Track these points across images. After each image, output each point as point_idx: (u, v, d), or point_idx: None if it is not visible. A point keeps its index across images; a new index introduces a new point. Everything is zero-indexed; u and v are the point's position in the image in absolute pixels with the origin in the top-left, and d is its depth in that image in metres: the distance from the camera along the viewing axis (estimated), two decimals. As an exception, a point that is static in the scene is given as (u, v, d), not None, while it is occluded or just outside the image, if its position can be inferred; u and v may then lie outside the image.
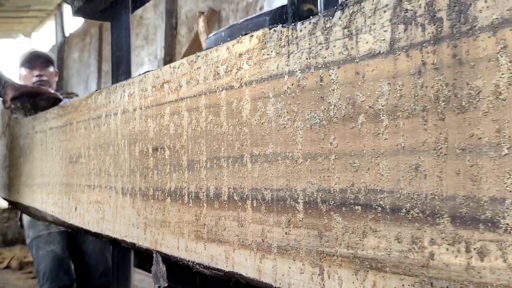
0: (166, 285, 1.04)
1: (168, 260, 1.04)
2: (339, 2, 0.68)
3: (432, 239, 0.55)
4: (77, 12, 1.93)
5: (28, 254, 5.04)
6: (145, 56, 10.23)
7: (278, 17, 1.52)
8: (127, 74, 1.79)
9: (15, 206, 2.55)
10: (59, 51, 14.10)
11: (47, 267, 2.51)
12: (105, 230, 1.26)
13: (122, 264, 1.71)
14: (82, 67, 13.49)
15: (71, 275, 2.55)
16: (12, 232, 6.31)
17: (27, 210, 2.24)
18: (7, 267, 5.46)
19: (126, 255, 1.71)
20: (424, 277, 0.56)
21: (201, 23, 6.57)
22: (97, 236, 1.36)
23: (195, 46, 6.24)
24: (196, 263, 0.93)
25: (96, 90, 1.34)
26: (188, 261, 0.96)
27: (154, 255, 1.06)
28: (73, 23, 13.07)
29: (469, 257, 0.52)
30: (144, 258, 1.76)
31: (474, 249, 0.52)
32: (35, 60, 2.83)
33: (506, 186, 0.49)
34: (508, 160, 0.49)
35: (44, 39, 14.58)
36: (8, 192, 2.39)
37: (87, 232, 1.41)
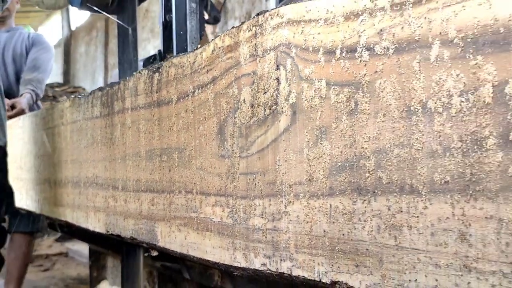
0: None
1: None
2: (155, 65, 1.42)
3: (125, 199, 1.38)
4: (83, 5, 2.11)
5: (38, 247, 5.53)
6: (152, 49, 10.82)
7: (151, 62, 2.30)
8: (134, 68, 1.96)
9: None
10: (66, 45, 14.98)
11: None
12: (28, 207, 2.14)
13: (130, 263, 1.80)
14: (89, 60, 14.24)
15: None
16: (23, 226, 6.96)
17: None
18: (18, 260, 6.13)
19: (135, 254, 1.80)
20: (140, 220, 1.39)
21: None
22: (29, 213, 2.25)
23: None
24: (64, 221, 1.78)
25: (23, 115, 2.21)
26: (62, 220, 1.81)
27: (47, 219, 1.92)
28: (80, 16, 13.93)
29: (140, 204, 1.34)
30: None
31: (139, 200, 1.34)
32: None
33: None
34: (189, 164, 1.31)
35: (50, 33, 15.47)
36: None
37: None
